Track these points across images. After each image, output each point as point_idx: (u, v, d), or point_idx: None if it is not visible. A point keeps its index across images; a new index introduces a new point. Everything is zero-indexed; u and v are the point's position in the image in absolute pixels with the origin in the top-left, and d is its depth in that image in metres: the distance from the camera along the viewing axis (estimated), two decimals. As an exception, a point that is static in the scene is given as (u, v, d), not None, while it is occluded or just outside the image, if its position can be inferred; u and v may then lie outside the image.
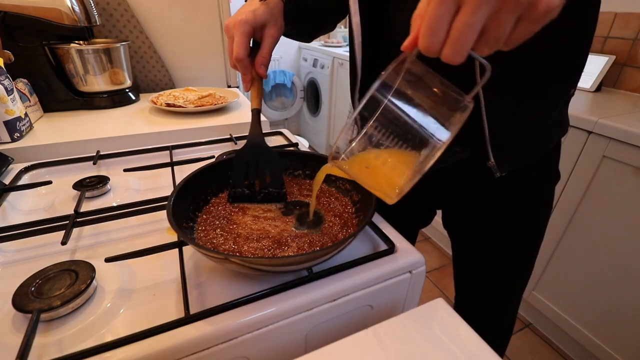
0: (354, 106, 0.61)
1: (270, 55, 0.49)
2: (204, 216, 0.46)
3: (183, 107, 0.91)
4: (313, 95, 2.78)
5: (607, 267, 1.02)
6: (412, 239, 0.78)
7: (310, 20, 0.56)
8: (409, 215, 0.71)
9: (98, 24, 0.95)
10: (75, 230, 0.48)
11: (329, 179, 0.53)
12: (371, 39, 0.51)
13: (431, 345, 0.32)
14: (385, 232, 0.46)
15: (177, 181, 0.55)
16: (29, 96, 0.83)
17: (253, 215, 0.47)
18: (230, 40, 0.47)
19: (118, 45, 0.95)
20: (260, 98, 0.49)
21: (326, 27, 0.64)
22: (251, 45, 0.49)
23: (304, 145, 0.75)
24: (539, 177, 0.57)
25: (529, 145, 0.52)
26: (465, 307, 0.72)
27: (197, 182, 0.47)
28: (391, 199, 0.33)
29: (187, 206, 0.45)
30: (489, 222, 0.60)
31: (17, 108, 0.73)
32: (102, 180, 0.58)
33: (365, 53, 0.52)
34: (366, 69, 0.54)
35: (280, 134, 0.82)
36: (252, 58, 0.48)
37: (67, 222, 0.45)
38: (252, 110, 0.49)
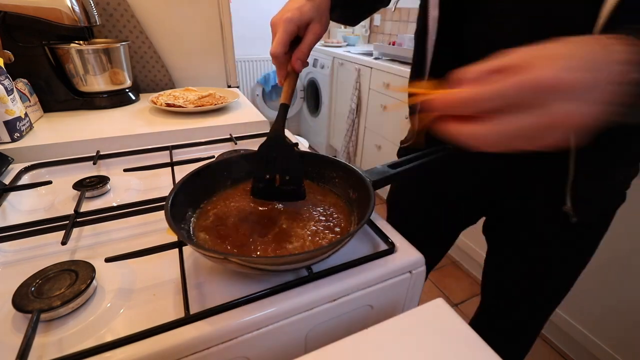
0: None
1: (309, 52, 0.49)
2: (204, 215, 0.46)
3: (183, 107, 0.91)
4: (313, 95, 2.78)
5: (607, 267, 1.02)
6: (451, 238, 0.75)
7: (358, 7, 0.56)
8: (451, 216, 0.69)
9: (98, 24, 0.95)
10: (75, 230, 0.48)
11: (326, 176, 0.53)
12: (444, 38, 0.50)
13: (431, 345, 0.32)
14: (385, 232, 0.46)
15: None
16: (29, 96, 0.83)
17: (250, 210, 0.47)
18: (274, 37, 0.47)
19: (118, 45, 0.95)
20: (290, 94, 0.48)
21: (374, 11, 0.63)
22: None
23: (304, 145, 0.75)
24: (605, 224, 0.55)
25: (610, 196, 0.51)
26: (488, 321, 0.70)
27: (196, 181, 0.47)
28: None
29: (185, 206, 0.45)
30: (543, 246, 0.58)
31: (17, 108, 0.73)
32: (102, 180, 0.58)
33: (437, 50, 0.50)
34: (434, 69, 0.52)
35: (280, 134, 0.81)
36: (290, 52, 0.48)
37: (67, 222, 0.45)
38: (280, 105, 0.48)
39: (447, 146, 0.53)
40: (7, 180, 0.59)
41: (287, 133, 0.81)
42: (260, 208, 0.48)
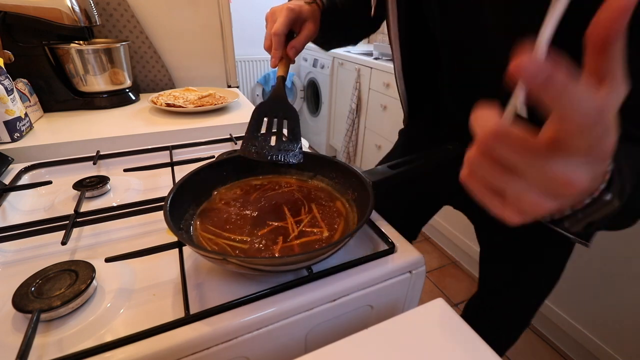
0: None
1: (304, 45, 0.53)
2: (203, 215, 0.46)
3: (183, 107, 0.91)
4: (313, 95, 2.78)
5: (608, 267, 1.02)
6: (414, 233, 0.79)
7: (338, 33, 0.60)
8: (414, 208, 0.73)
9: (98, 24, 0.95)
10: (75, 230, 0.48)
11: (326, 176, 0.53)
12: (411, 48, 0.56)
13: (431, 345, 0.32)
14: (385, 232, 0.46)
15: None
16: (29, 96, 0.83)
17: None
18: (271, 23, 0.51)
19: (118, 45, 0.95)
20: (287, 69, 0.52)
21: (348, 43, 0.69)
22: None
23: (304, 145, 0.75)
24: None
25: None
26: (480, 305, 0.74)
27: (196, 181, 0.47)
28: None
29: (185, 206, 0.45)
30: (527, 241, 0.59)
31: (17, 108, 0.73)
32: (102, 180, 0.58)
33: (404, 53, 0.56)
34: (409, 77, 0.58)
35: (280, 134, 0.82)
36: (285, 44, 0.51)
37: (67, 222, 0.45)
38: (278, 77, 0.51)
39: (447, 146, 0.53)
40: (7, 180, 0.59)
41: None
42: (259, 207, 0.48)
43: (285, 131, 0.49)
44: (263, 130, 0.48)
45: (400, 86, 0.61)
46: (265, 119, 0.48)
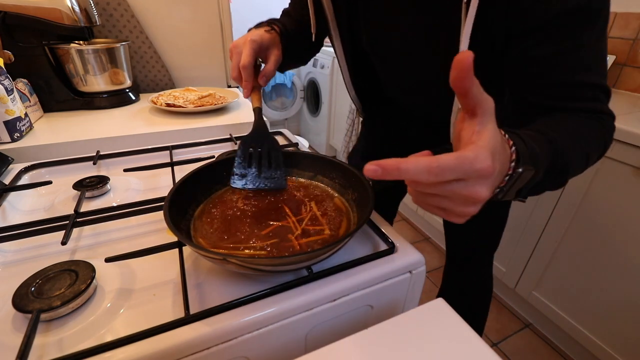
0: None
1: (274, 72, 0.56)
2: (203, 215, 0.46)
3: (183, 107, 0.91)
4: (313, 95, 2.78)
5: (607, 267, 1.02)
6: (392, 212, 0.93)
7: (292, 56, 0.63)
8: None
9: (98, 24, 0.95)
10: (75, 230, 0.48)
11: (326, 176, 0.53)
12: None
13: (431, 345, 0.32)
14: (385, 232, 0.46)
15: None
16: (29, 96, 0.83)
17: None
18: (236, 56, 0.53)
19: (118, 45, 0.95)
20: (260, 100, 0.56)
21: (300, 64, 0.74)
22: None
23: (304, 145, 0.75)
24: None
25: None
26: (449, 266, 0.86)
27: (195, 181, 0.47)
28: None
29: (185, 206, 0.45)
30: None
31: (17, 108, 0.73)
32: (102, 180, 0.58)
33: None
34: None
35: (280, 134, 0.81)
36: (255, 74, 0.55)
37: (67, 222, 0.45)
38: (254, 109, 0.55)
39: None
40: (7, 180, 0.59)
41: (287, 133, 0.82)
42: (260, 207, 0.48)
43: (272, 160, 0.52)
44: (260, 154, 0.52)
45: (350, 91, 0.71)
46: (251, 149, 0.52)
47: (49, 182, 0.58)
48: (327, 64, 2.44)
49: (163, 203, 0.39)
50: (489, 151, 0.26)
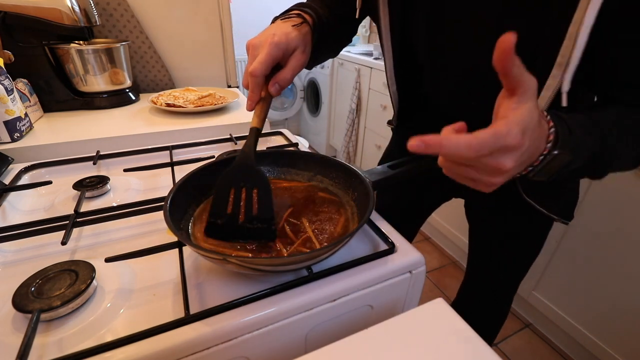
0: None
1: (290, 81, 0.45)
2: (203, 215, 0.46)
3: (183, 107, 0.91)
4: (313, 95, 2.78)
5: (607, 267, 1.02)
6: (412, 232, 0.83)
7: (321, 50, 0.55)
8: (424, 195, 0.75)
9: (98, 24, 0.95)
10: (75, 230, 0.48)
11: (326, 176, 0.53)
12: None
13: (431, 345, 0.32)
14: (385, 232, 0.46)
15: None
16: (29, 96, 0.83)
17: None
18: (251, 58, 0.44)
19: (118, 45, 0.95)
20: (263, 118, 0.44)
21: (329, 58, 0.64)
22: None
23: (304, 145, 0.75)
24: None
25: (561, 194, 0.56)
26: (468, 289, 0.79)
27: (195, 181, 0.47)
28: None
29: (185, 206, 0.45)
30: (510, 226, 0.64)
31: (17, 108, 0.73)
32: (102, 180, 0.58)
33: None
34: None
35: (280, 134, 0.81)
36: (266, 81, 0.45)
37: (67, 222, 0.45)
38: (251, 129, 0.43)
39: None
40: (7, 180, 0.59)
41: (287, 133, 0.81)
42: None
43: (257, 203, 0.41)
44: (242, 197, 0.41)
45: (391, 86, 0.60)
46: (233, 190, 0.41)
47: (49, 182, 0.58)
48: (327, 63, 2.44)
49: (163, 203, 0.39)
50: (520, 126, 0.28)
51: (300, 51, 0.46)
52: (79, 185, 0.56)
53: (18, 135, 0.73)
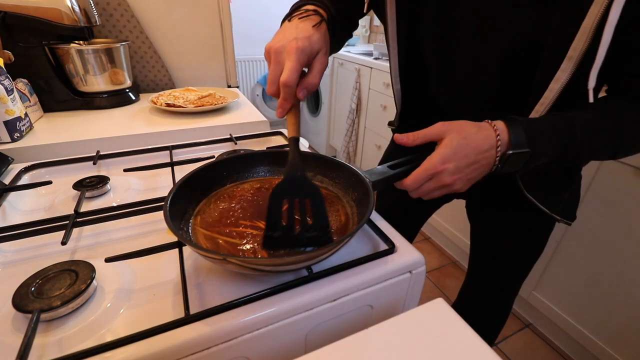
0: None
1: (317, 85, 0.45)
2: (203, 215, 0.46)
3: (183, 107, 0.91)
4: (313, 95, 2.78)
5: (607, 267, 1.02)
6: (413, 233, 0.84)
7: (332, 48, 0.54)
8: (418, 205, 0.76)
9: (98, 24, 0.95)
10: (75, 230, 0.48)
11: (326, 176, 0.53)
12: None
13: (431, 345, 0.32)
14: (385, 232, 0.46)
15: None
16: (29, 96, 0.83)
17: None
18: (275, 65, 0.43)
19: (118, 45, 0.95)
20: (298, 125, 0.44)
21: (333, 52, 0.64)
22: None
23: (303, 145, 0.75)
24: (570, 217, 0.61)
25: (563, 191, 0.58)
26: (469, 288, 0.79)
27: (195, 181, 0.47)
28: None
29: (185, 206, 0.45)
30: (513, 227, 0.64)
31: (17, 108, 0.73)
32: (102, 180, 0.58)
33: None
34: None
35: (280, 134, 0.82)
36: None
37: (67, 222, 0.45)
38: (290, 139, 0.43)
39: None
40: (7, 180, 0.59)
41: (286, 133, 0.81)
42: (260, 208, 0.48)
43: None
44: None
45: (395, 85, 0.60)
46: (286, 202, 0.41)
47: (49, 182, 0.58)
48: (327, 64, 2.44)
49: (163, 203, 0.39)
50: (439, 157, 0.41)
51: (323, 53, 0.46)
52: (79, 185, 0.56)
53: (18, 135, 0.73)
